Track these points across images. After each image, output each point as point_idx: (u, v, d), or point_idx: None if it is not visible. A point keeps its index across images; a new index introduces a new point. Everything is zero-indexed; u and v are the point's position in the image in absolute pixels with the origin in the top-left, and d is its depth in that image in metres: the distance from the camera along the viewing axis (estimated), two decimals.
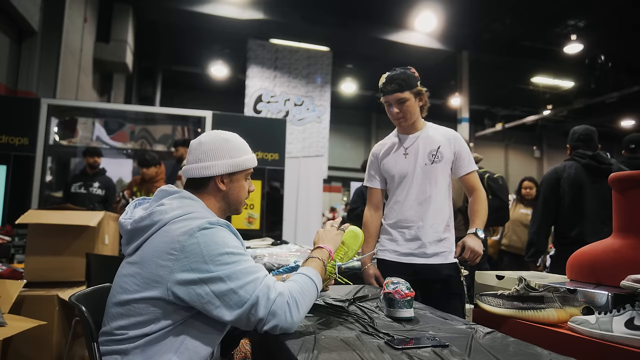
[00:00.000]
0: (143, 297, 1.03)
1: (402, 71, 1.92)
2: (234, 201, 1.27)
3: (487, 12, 9.69)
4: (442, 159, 1.93)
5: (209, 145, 1.23)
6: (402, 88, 1.89)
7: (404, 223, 1.94)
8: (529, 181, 4.37)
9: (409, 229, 1.93)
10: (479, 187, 1.97)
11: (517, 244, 4.15)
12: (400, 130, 2.04)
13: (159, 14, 9.63)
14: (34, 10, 5.66)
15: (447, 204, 1.97)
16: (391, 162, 2.01)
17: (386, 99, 1.94)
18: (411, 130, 2.00)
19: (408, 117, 1.95)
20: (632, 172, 1.34)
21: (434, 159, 1.93)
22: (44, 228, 2.49)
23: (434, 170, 1.92)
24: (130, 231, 1.12)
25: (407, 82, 1.90)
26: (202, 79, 13.44)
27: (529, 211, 4.18)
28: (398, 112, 1.92)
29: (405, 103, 1.91)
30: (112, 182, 4.63)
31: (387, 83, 1.92)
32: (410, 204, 1.94)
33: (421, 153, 1.94)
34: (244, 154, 1.27)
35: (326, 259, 1.26)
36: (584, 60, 11.04)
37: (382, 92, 1.95)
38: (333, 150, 13.32)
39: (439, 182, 1.93)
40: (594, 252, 1.38)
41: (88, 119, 5.83)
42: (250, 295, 1.02)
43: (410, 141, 1.98)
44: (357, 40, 10.61)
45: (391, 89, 1.90)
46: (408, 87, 1.90)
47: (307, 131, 10.65)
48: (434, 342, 1.04)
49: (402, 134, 2.03)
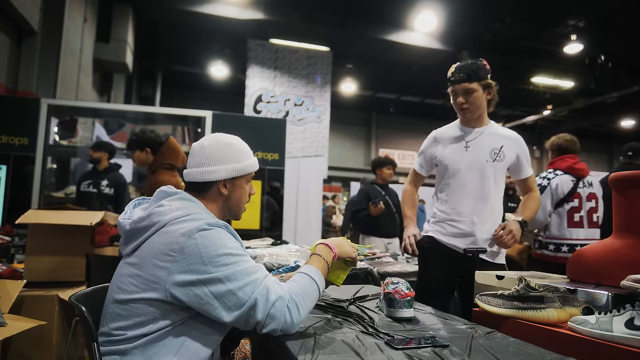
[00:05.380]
0: (141, 297, 1.03)
1: (472, 62, 1.87)
2: (234, 206, 1.27)
3: (487, 12, 9.68)
4: (504, 159, 1.89)
5: (212, 149, 1.22)
6: (470, 78, 1.84)
7: (458, 217, 1.89)
8: None
9: (462, 223, 1.88)
10: (535, 189, 2.01)
11: None
12: (463, 121, 1.99)
13: (159, 14, 9.62)
14: (34, 10, 5.65)
15: (500, 204, 1.94)
16: (449, 151, 1.95)
17: (453, 88, 1.89)
18: (476, 124, 1.95)
19: (473, 109, 1.90)
20: (632, 172, 1.33)
21: (496, 157, 1.89)
22: (44, 228, 2.49)
23: (495, 168, 1.89)
24: (128, 231, 1.12)
25: (476, 73, 1.85)
26: (202, 79, 13.42)
27: None
28: (464, 102, 1.87)
29: (473, 94, 1.86)
30: (121, 180, 4.25)
31: (455, 72, 1.87)
32: (466, 198, 1.89)
33: (484, 149, 1.90)
34: (246, 159, 1.26)
35: (328, 256, 1.24)
36: (584, 60, 11.03)
37: (450, 82, 1.90)
38: (333, 150, 13.32)
39: (497, 181, 1.89)
40: (594, 252, 1.38)
41: (88, 119, 5.83)
42: (249, 296, 1.02)
43: (474, 135, 1.93)
44: (357, 40, 10.60)
45: (459, 78, 1.85)
46: (477, 79, 1.85)
47: (307, 131, 10.65)
48: (434, 342, 1.04)
49: (465, 126, 1.97)
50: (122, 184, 4.21)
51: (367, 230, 4.42)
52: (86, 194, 4.07)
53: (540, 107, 14.50)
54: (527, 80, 13.21)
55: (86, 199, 4.00)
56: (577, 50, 10.36)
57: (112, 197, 4.11)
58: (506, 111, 15.69)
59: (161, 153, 2.87)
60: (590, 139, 19.18)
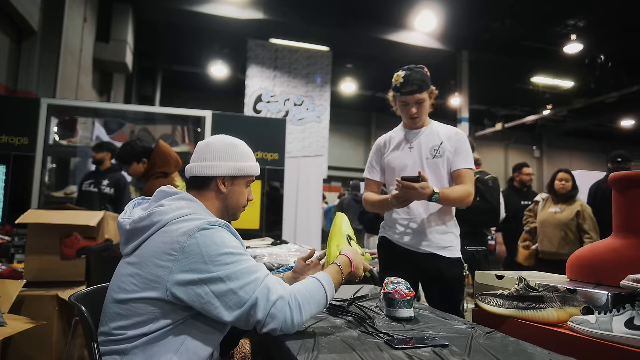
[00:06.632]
0: (142, 297, 1.03)
1: (418, 71, 1.93)
2: (232, 206, 1.27)
3: (487, 12, 9.68)
4: (444, 155, 1.95)
5: (217, 146, 1.24)
6: (421, 89, 1.91)
7: (407, 215, 1.96)
8: (565, 173, 3.71)
9: (413, 221, 1.94)
10: (468, 183, 1.94)
11: (551, 249, 3.60)
12: (406, 125, 2.06)
13: (159, 14, 9.62)
14: (34, 10, 5.65)
15: None
16: (395, 155, 2.03)
17: (404, 100, 1.94)
18: (418, 126, 2.02)
19: (423, 117, 1.99)
20: (632, 172, 1.33)
21: (435, 154, 1.95)
22: (44, 228, 2.49)
23: (435, 165, 1.94)
24: (129, 231, 1.12)
25: (425, 83, 1.93)
26: (202, 79, 13.42)
27: (558, 209, 3.63)
28: (416, 112, 1.94)
29: (423, 104, 1.94)
30: (122, 180, 4.21)
31: (406, 84, 1.91)
32: None
33: (424, 148, 1.97)
34: (249, 161, 1.28)
35: (345, 270, 1.25)
36: (584, 60, 11.03)
37: (400, 92, 1.94)
38: (333, 150, 13.31)
39: (439, 177, 1.94)
40: (594, 252, 1.38)
41: (88, 119, 5.82)
42: (250, 296, 1.02)
43: (415, 136, 2.01)
44: (357, 40, 10.61)
45: (412, 90, 1.91)
46: (426, 88, 1.94)
47: (307, 131, 10.65)
48: (434, 342, 1.04)
49: (407, 129, 2.05)
50: (123, 184, 4.19)
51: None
52: (87, 193, 4.06)
53: (540, 107, 14.50)
54: (527, 80, 13.21)
55: (87, 198, 3.98)
56: (577, 50, 10.36)
57: (113, 197, 4.09)
58: (506, 111, 15.69)
59: (152, 162, 2.87)
60: (590, 139, 19.22)
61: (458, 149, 1.96)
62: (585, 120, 16.02)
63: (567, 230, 3.55)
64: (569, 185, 3.65)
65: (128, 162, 2.97)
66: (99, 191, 4.06)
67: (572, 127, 17.12)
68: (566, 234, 3.55)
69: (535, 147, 19.19)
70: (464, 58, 11.48)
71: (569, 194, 3.64)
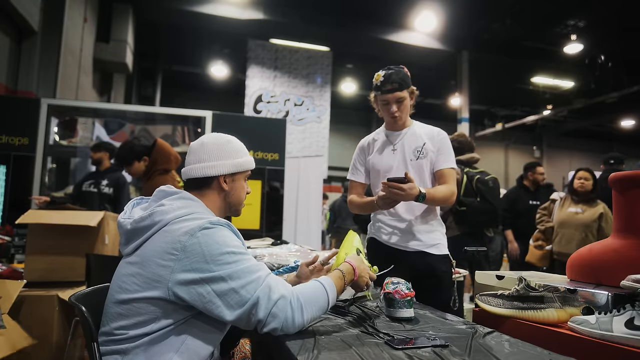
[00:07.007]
0: (143, 296, 1.03)
1: (398, 70, 1.96)
2: (235, 202, 1.28)
3: (487, 12, 9.68)
4: (427, 156, 1.97)
5: (212, 146, 1.24)
6: (402, 87, 1.94)
7: (393, 217, 1.98)
8: (585, 172, 3.60)
9: (401, 222, 1.97)
10: (450, 182, 1.95)
11: (568, 250, 3.44)
12: (388, 127, 2.08)
13: (158, 14, 9.62)
14: (34, 10, 5.65)
15: None
16: (379, 157, 2.05)
17: (385, 98, 1.97)
18: (399, 127, 2.04)
19: (404, 116, 2.00)
20: (632, 172, 1.34)
21: (419, 155, 1.97)
22: (44, 228, 2.49)
23: (419, 166, 1.96)
24: (129, 231, 1.12)
25: (405, 82, 1.95)
26: (202, 79, 13.42)
27: (579, 209, 3.53)
28: (397, 110, 1.96)
29: (403, 102, 1.96)
30: (120, 180, 4.14)
31: (386, 82, 1.94)
32: None
33: (407, 149, 1.99)
34: (245, 156, 1.29)
35: (348, 277, 1.26)
36: (584, 60, 11.03)
37: (380, 91, 1.97)
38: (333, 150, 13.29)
39: (422, 178, 1.96)
40: (594, 252, 1.38)
41: (88, 119, 5.83)
42: (251, 295, 1.02)
43: (398, 137, 2.02)
44: (357, 40, 10.61)
45: (392, 88, 1.93)
46: (406, 86, 1.96)
47: (307, 131, 10.65)
48: (434, 342, 1.04)
49: (389, 131, 2.07)
50: (122, 183, 4.16)
51: None
52: (87, 193, 4.03)
53: (540, 107, 14.50)
54: (527, 80, 13.21)
55: (86, 198, 3.98)
56: (577, 50, 10.36)
57: (111, 196, 4.07)
58: (506, 111, 15.69)
59: (152, 160, 2.89)
60: (590, 139, 19.21)
61: (440, 149, 1.98)
62: (585, 120, 16.01)
63: (587, 232, 3.44)
64: (589, 184, 3.53)
65: (129, 161, 2.99)
66: (98, 191, 4.04)
67: (572, 127, 17.10)
68: (586, 235, 3.43)
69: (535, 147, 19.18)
70: (464, 58, 11.48)
71: (589, 194, 3.53)
